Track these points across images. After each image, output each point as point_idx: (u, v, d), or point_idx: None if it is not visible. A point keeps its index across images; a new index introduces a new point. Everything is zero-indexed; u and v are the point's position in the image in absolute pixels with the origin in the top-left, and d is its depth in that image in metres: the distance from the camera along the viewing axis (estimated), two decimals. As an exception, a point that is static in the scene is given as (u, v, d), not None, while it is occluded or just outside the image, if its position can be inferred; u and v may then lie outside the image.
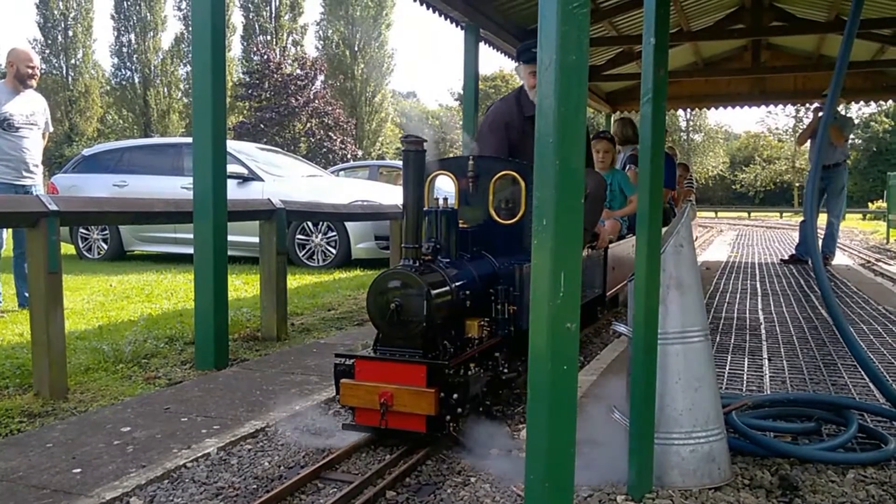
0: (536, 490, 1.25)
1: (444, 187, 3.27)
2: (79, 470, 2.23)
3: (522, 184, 2.95)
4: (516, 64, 3.73)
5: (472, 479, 2.26)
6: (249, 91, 32.59)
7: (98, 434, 2.56)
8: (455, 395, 2.35)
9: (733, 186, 49.95)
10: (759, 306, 5.46)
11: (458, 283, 2.60)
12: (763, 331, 4.46)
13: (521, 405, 2.97)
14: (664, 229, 2.13)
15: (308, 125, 31.76)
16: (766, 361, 3.64)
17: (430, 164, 2.97)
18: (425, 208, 2.70)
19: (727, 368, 3.48)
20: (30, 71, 5.17)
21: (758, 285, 6.77)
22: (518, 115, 3.63)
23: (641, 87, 1.94)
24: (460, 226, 2.87)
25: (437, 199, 2.81)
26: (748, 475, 2.17)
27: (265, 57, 32.31)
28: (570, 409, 1.25)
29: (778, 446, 2.31)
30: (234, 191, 6.23)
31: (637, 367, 2.01)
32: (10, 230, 5.37)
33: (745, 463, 2.24)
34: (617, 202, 5.39)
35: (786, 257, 9.36)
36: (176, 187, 7.98)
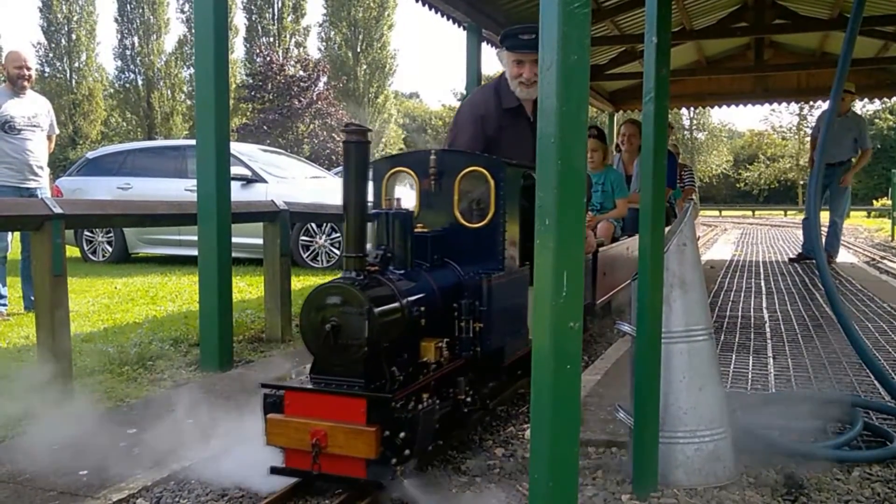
0: (541, 488, 1.25)
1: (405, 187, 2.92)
2: (85, 472, 2.24)
3: (492, 182, 2.56)
4: (497, 50, 3.34)
5: None
6: (252, 93, 32.64)
7: (104, 436, 2.57)
8: (402, 434, 1.97)
9: (737, 185, 49.82)
10: (764, 305, 5.44)
11: (411, 298, 2.23)
12: (768, 329, 4.45)
13: (525, 405, 2.98)
14: (667, 228, 2.13)
15: (311, 127, 31.80)
16: (771, 360, 3.64)
17: (387, 161, 2.74)
18: (376, 210, 2.43)
19: (732, 367, 3.47)
20: (18, 72, 5.18)
21: (762, 283, 6.76)
22: (496, 107, 3.30)
23: (643, 87, 1.94)
24: (419, 230, 2.51)
25: (389, 200, 2.50)
26: (753, 473, 2.17)
27: (268, 59, 32.35)
28: (573, 408, 1.25)
29: (783, 444, 2.31)
30: (237, 193, 6.24)
31: (641, 365, 2.01)
32: (16, 233, 5.39)
33: (750, 461, 2.24)
34: (610, 203, 5.26)
35: (793, 256, 9.32)
36: (180, 189, 8.00)
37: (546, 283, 1.20)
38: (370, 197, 2.49)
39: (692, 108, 31.09)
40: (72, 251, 8.89)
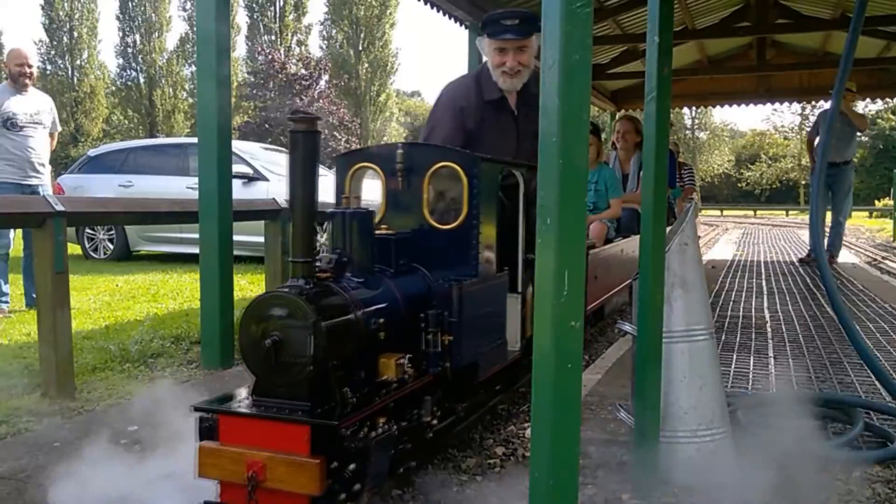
0: (541, 487, 1.26)
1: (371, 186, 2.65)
2: (87, 468, 2.25)
3: (465, 179, 2.32)
4: (478, 38, 3.09)
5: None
6: (254, 91, 32.65)
7: (105, 433, 2.58)
8: (352, 466, 1.75)
9: (739, 184, 49.81)
10: (765, 305, 5.44)
11: (368, 309, 2.00)
12: (769, 329, 4.45)
13: (527, 404, 2.98)
14: (667, 228, 2.13)
15: (313, 125, 31.72)
16: (772, 360, 3.64)
17: (351, 155, 2.55)
18: (333, 209, 2.21)
19: (733, 367, 3.47)
20: (19, 69, 5.20)
21: (763, 284, 6.76)
22: (476, 99, 3.05)
23: (645, 86, 1.94)
24: (382, 232, 2.30)
25: (347, 198, 2.29)
26: (755, 473, 2.17)
27: (269, 57, 32.36)
28: (574, 407, 1.26)
29: (784, 444, 2.31)
30: (239, 191, 6.24)
31: (642, 365, 2.01)
32: (18, 230, 5.40)
33: (750, 461, 2.24)
34: (604, 202, 5.07)
35: (802, 256, 9.28)
36: (181, 187, 8.00)
37: (547, 282, 1.21)
38: (331, 195, 2.45)
39: (694, 108, 31.08)
40: (73, 249, 8.91)
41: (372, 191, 2.56)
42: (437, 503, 2.10)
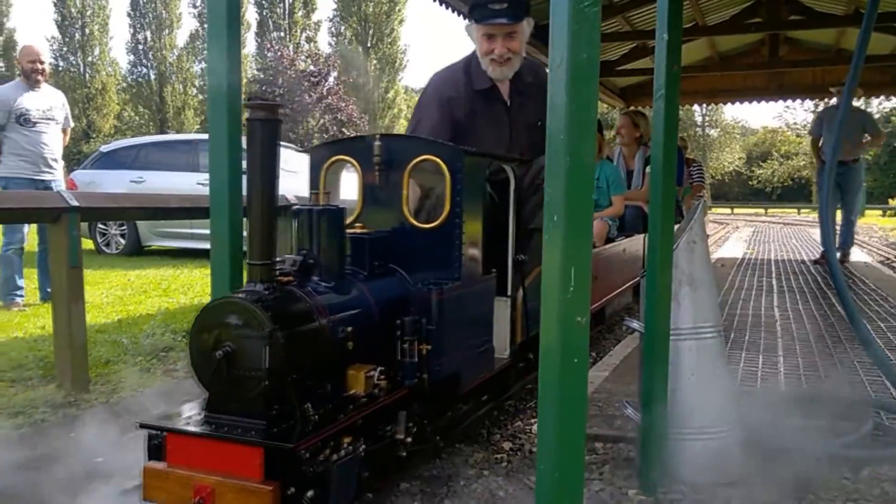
0: (547, 482, 1.27)
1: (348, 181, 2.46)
2: (101, 459, 2.28)
3: (447, 174, 2.13)
4: (466, 24, 2.90)
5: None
6: (263, 87, 32.71)
7: (119, 424, 2.61)
8: (311, 493, 1.60)
9: (750, 182, 49.47)
10: (775, 303, 5.42)
11: (335, 316, 1.85)
12: (778, 328, 4.44)
13: (533, 400, 2.99)
14: (676, 226, 2.14)
15: (321, 121, 31.87)
16: (781, 358, 3.63)
17: (325, 148, 2.38)
18: (299, 206, 2.07)
19: (741, 365, 3.47)
20: (32, 66, 5.26)
21: (774, 282, 6.73)
22: (465, 89, 2.85)
23: (654, 83, 1.95)
24: (356, 232, 2.14)
25: (316, 194, 2.09)
26: (761, 471, 2.17)
27: (279, 53, 32.44)
28: (580, 401, 1.27)
29: (792, 443, 2.31)
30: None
31: (649, 362, 2.02)
32: (33, 225, 5.47)
33: (758, 459, 2.24)
34: (605, 199, 4.85)
35: (816, 258, 9.19)
36: (192, 183, 8.06)
37: (554, 278, 1.22)
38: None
39: (704, 105, 30.89)
40: (86, 244, 8.99)
41: (351, 186, 2.39)
42: (444, 497, 2.12)
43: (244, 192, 4.02)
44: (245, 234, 1.87)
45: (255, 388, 1.65)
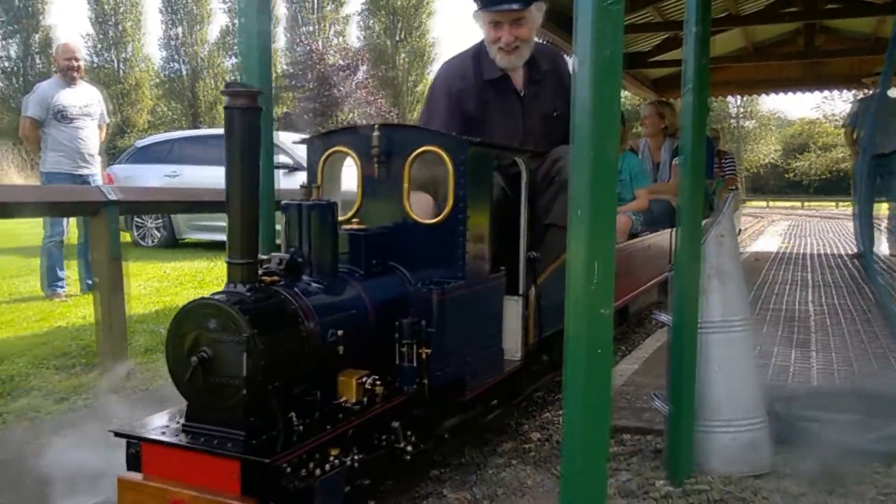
0: (573, 465, 1.31)
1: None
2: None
3: (450, 165, 2.00)
4: (474, 11, 2.74)
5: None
6: (293, 82, 33.03)
7: (159, 409, 2.71)
8: None
9: (786, 175, 48.38)
10: (810, 298, 5.34)
11: (325, 319, 1.74)
12: (813, 323, 4.38)
13: (562, 392, 3.01)
14: (705, 221, 2.14)
15: (351, 115, 32.07)
16: (815, 353, 3.59)
17: (323, 139, 2.26)
18: (287, 201, 1.90)
19: (774, 360, 3.44)
20: (67, 63, 5.40)
21: (809, 277, 6.62)
22: (475, 79, 2.71)
23: (682, 76, 1.95)
24: (352, 228, 2.03)
25: (306, 187, 1.93)
26: (791, 464, 2.17)
27: (308, 48, 32.69)
28: (604, 390, 1.30)
29: (823, 436, 2.29)
30: (280, 181, 6.37)
31: (677, 355, 2.03)
32: (72, 218, 5.64)
33: (788, 452, 2.23)
34: (629, 193, 4.61)
35: (854, 252, 8.96)
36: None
37: (578, 271, 1.25)
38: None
39: (739, 97, 30.24)
40: (123, 237, 9.23)
41: (351, 180, 2.27)
42: (473, 484, 2.16)
43: (276, 187, 4.03)
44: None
45: (233, 397, 1.55)
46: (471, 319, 2.08)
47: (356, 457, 1.70)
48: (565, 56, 2.99)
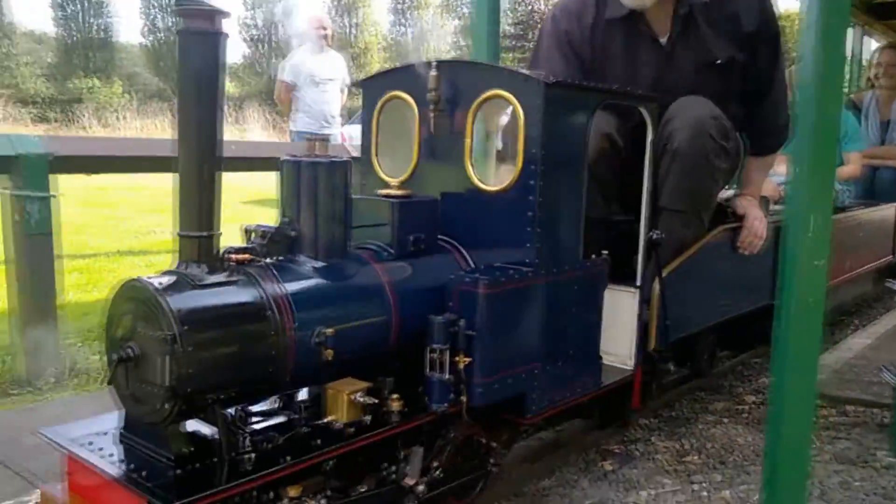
0: (778, 413, 1.37)
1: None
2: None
3: (521, 114, 1.54)
4: None
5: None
6: (514, 42, 33.27)
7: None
8: None
9: None
10: None
11: (306, 313, 1.34)
12: None
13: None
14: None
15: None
16: None
17: (379, 79, 1.86)
18: (288, 156, 1.49)
19: None
20: (316, 32, 6.08)
21: None
22: (593, 18, 2.23)
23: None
24: (386, 193, 1.60)
25: (312, 140, 1.51)
26: None
27: (531, 7, 32.61)
28: (813, 341, 1.35)
29: None
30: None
31: (913, 327, 1.90)
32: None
33: None
34: (836, 157, 3.32)
35: None
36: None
37: (796, 224, 1.29)
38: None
39: None
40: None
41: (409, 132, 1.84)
42: (682, 437, 2.25)
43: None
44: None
45: (154, 411, 1.22)
46: (540, 318, 1.60)
47: (324, 499, 1.31)
48: None
